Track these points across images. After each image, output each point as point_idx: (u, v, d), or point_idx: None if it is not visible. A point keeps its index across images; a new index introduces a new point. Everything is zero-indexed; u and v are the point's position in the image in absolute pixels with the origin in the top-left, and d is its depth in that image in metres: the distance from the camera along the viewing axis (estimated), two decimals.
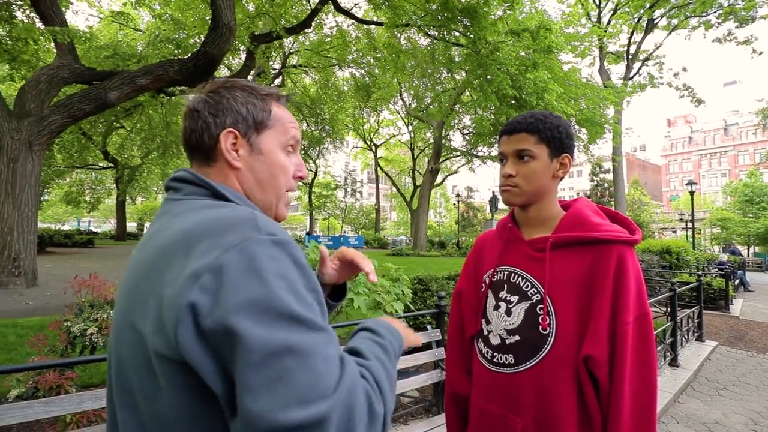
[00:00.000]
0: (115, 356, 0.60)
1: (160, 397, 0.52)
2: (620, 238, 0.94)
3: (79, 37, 8.07)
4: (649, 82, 20.72)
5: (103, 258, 14.31)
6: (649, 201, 45.29)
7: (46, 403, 1.56)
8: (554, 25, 12.40)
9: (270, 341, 0.47)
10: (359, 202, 49.44)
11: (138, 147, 23.01)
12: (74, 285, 2.69)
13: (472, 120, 21.02)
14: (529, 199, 1.03)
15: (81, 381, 2.62)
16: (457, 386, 1.18)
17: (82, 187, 26.23)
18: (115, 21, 15.09)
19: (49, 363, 2.04)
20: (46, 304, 6.43)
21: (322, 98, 20.71)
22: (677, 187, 66.27)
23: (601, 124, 16.42)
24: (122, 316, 0.59)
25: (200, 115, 0.67)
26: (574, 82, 14.97)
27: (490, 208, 23.29)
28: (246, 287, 0.49)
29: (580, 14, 20.98)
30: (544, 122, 1.00)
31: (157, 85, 8.49)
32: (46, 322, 4.30)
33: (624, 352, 0.88)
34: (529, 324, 0.97)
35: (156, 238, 0.60)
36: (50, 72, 8.02)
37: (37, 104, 7.78)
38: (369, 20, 14.04)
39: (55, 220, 42.55)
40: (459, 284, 1.24)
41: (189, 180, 0.66)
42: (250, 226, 0.54)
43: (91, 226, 41.56)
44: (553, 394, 0.92)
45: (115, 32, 17.35)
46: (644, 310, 0.92)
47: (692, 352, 5.41)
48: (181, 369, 0.51)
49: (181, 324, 0.49)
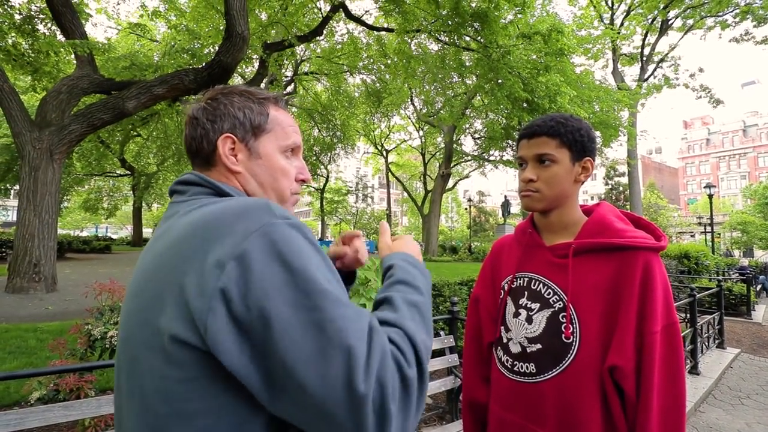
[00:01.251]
0: (126, 357, 0.59)
1: (175, 393, 0.52)
2: (646, 245, 0.91)
3: (98, 49, 8.29)
4: (664, 84, 20.35)
5: (120, 263, 14.58)
6: (665, 204, 44.40)
7: (65, 407, 1.58)
8: (566, 28, 12.30)
9: (305, 319, 0.49)
10: (370, 207, 49.52)
11: (154, 155, 23.45)
12: (94, 289, 2.74)
13: (483, 124, 20.95)
14: (551, 205, 1.01)
15: (99, 385, 2.66)
16: (475, 394, 1.16)
17: (100, 194, 26.87)
18: (133, 32, 15.48)
19: (69, 367, 2.07)
20: (66, 309, 6.56)
21: (333, 104, 20.85)
22: (695, 190, 64.85)
23: (615, 126, 16.20)
24: (133, 315, 0.58)
25: (199, 122, 0.69)
26: (587, 85, 14.82)
27: (502, 212, 23.10)
28: (272, 271, 0.51)
29: (593, 16, 20.77)
30: (566, 125, 0.97)
31: (173, 94, 8.66)
32: (66, 326, 4.39)
33: (652, 362, 0.85)
34: (551, 332, 0.95)
35: (165, 237, 0.60)
36: (70, 83, 8.25)
37: (58, 114, 8.00)
38: (380, 27, 14.14)
39: (74, 226, 43.59)
40: (476, 290, 1.23)
41: (194, 182, 0.67)
42: (264, 211, 0.55)
43: (108, 233, 42.45)
44: (577, 405, 0.89)
45: (132, 43, 17.79)
46: (672, 319, 0.89)
47: (713, 360, 5.25)
48: (202, 358, 0.51)
49: (212, 311, 0.49)
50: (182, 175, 0.69)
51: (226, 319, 0.49)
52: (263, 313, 0.49)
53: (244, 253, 0.51)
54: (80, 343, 2.60)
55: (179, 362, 0.51)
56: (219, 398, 0.52)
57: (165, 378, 0.52)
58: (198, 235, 0.55)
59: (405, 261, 0.71)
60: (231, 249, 0.51)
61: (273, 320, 0.49)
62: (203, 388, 0.51)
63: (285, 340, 0.48)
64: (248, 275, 0.50)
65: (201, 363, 0.51)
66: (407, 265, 0.70)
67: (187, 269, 0.53)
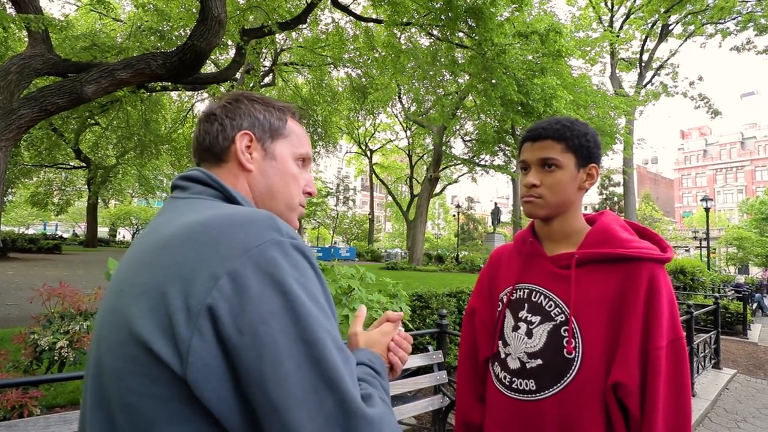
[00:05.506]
0: (94, 362, 0.57)
1: (140, 410, 0.49)
2: (651, 256, 0.94)
3: (54, 26, 8.06)
4: (662, 91, 21.14)
5: (72, 266, 14.09)
6: (660, 217, 45.84)
7: (8, 426, 1.51)
8: (564, 29, 12.63)
9: (297, 352, 0.49)
10: (352, 211, 49.41)
11: (113, 146, 22.83)
12: (42, 293, 2.64)
13: (475, 126, 21.24)
14: (553, 212, 1.03)
15: (46, 401, 2.55)
16: (469, 414, 1.16)
17: (51, 188, 25.91)
18: (94, 10, 15.09)
19: (11, 381, 1.98)
20: (7, 315, 6.30)
21: (314, 99, 20.79)
22: (690, 202, 67.13)
23: (611, 134, 16.66)
24: (108, 315, 0.56)
25: (217, 118, 0.72)
26: (583, 89, 15.20)
27: (492, 220, 23.44)
28: (271, 295, 0.50)
29: (591, 18, 21.45)
30: (572, 129, 1.00)
31: (139, 80, 8.48)
32: (7, 335, 4.20)
33: (657, 379, 0.88)
34: (552, 347, 0.97)
35: (158, 231, 0.59)
36: (21, 62, 7.98)
37: (6, 96, 7.71)
38: (368, 17, 14.20)
39: (19, 223, 41.97)
40: (471, 302, 1.24)
41: (200, 179, 0.68)
42: (269, 226, 0.55)
43: (58, 231, 41.06)
44: (579, 424, 0.91)
45: (93, 22, 17.37)
46: (678, 334, 0.92)
47: (709, 381, 5.41)
48: (176, 378, 0.48)
49: (198, 328, 0.48)
50: (188, 170, 0.70)
51: (213, 342, 0.48)
52: (257, 341, 0.48)
53: (242, 269, 0.50)
54: (24, 355, 2.50)
55: (150, 376, 0.49)
56: (190, 425, 0.49)
57: (132, 391, 0.50)
58: (194, 240, 0.54)
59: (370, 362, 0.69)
60: (228, 262, 0.50)
61: (267, 348, 0.48)
62: (174, 409, 0.49)
63: (279, 372, 0.47)
64: (244, 295, 0.49)
65: (175, 383, 0.49)
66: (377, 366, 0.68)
67: (173, 275, 0.51)
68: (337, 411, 0.48)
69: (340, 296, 2.75)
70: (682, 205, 69.40)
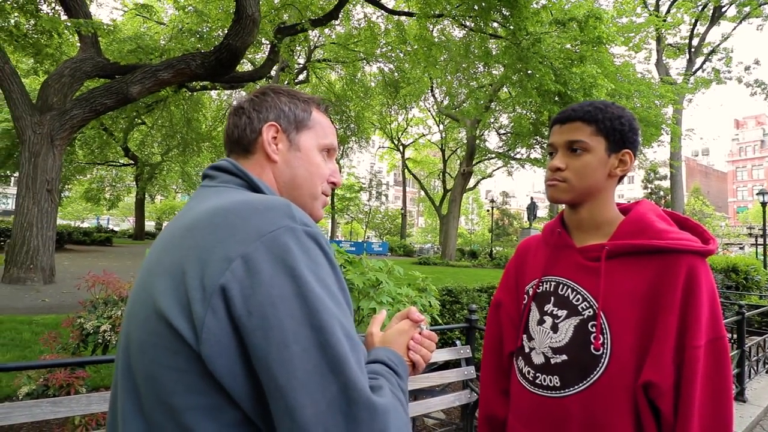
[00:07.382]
0: (124, 336, 0.61)
1: (163, 382, 0.53)
2: (691, 248, 0.87)
3: (103, 30, 8.49)
4: (714, 78, 19.79)
5: (121, 257, 14.94)
6: (712, 212, 43.24)
7: (54, 403, 1.61)
8: (605, 14, 12.03)
9: (308, 337, 0.50)
10: (384, 206, 49.59)
11: (158, 144, 23.98)
12: (88, 281, 2.80)
13: (510, 119, 20.69)
14: (578, 198, 0.97)
15: (92, 382, 2.72)
16: (493, 408, 1.13)
17: (102, 184, 27.59)
18: (139, 14, 15.85)
19: (59, 362, 2.11)
20: (62, 301, 6.75)
21: (347, 94, 20.95)
22: (746, 197, 62.89)
23: (656, 124, 15.81)
24: (138, 293, 0.61)
25: (245, 111, 0.75)
26: (626, 78, 14.49)
27: (527, 215, 22.82)
28: (282, 278, 0.52)
29: (635, 3, 20.30)
30: (605, 111, 0.94)
31: (179, 79, 8.83)
32: (61, 319, 4.50)
33: (693, 380, 0.81)
34: (578, 342, 0.92)
35: (185, 216, 0.64)
36: (73, 65, 8.48)
37: (60, 98, 8.23)
38: (400, 11, 14.11)
39: (75, 217, 44.87)
40: (497, 295, 1.20)
41: (227, 169, 0.71)
42: (284, 213, 0.57)
43: (110, 224, 43.59)
44: (605, 425, 0.86)
45: (138, 25, 18.21)
46: (719, 333, 0.84)
47: (762, 386, 5.08)
48: (193, 352, 0.51)
49: (211, 307, 0.51)
50: (218, 161, 0.74)
51: (225, 320, 0.50)
52: (265, 323, 0.49)
53: (255, 253, 0.52)
54: (72, 338, 2.66)
55: (171, 349, 0.52)
56: (205, 396, 0.52)
57: (155, 363, 0.54)
58: (214, 224, 0.57)
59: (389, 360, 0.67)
60: (242, 245, 0.53)
61: (274, 330, 0.49)
62: (191, 381, 0.52)
63: (284, 354, 0.49)
64: (255, 277, 0.51)
65: (191, 356, 0.51)
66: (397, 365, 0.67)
67: (193, 256, 0.54)
68: (340, 397, 0.48)
69: (367, 289, 2.76)
70: (736, 199, 65.10)
